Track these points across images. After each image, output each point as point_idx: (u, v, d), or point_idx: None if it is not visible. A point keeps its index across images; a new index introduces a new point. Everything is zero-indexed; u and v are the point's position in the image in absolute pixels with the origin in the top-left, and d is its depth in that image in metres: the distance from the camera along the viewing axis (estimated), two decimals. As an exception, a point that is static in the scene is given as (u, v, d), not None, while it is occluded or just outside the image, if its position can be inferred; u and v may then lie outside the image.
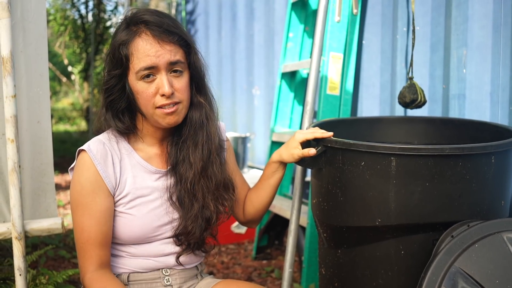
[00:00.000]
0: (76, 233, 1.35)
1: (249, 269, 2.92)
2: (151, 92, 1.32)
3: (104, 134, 1.40)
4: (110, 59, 1.36)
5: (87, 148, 1.35)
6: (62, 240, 3.37)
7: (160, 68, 1.31)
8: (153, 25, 1.32)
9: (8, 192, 1.83)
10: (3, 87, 1.74)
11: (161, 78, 1.32)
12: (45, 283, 2.09)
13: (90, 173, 1.33)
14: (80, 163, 1.35)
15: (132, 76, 1.33)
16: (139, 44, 1.31)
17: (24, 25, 1.83)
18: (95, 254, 1.33)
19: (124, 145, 1.41)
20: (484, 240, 1.31)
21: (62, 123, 11.69)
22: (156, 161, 1.44)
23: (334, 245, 1.55)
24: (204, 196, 1.42)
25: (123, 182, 1.37)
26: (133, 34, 1.32)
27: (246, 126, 4.11)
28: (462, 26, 2.03)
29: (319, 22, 2.20)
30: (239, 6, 4.16)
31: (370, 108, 2.55)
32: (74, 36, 8.97)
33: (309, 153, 1.50)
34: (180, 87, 1.35)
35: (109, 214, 1.35)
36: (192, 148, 1.41)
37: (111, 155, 1.37)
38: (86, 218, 1.33)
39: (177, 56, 1.34)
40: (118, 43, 1.33)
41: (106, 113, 1.39)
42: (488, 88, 1.96)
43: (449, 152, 1.32)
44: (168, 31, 1.32)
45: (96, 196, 1.33)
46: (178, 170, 1.42)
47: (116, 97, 1.36)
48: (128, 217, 1.37)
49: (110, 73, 1.36)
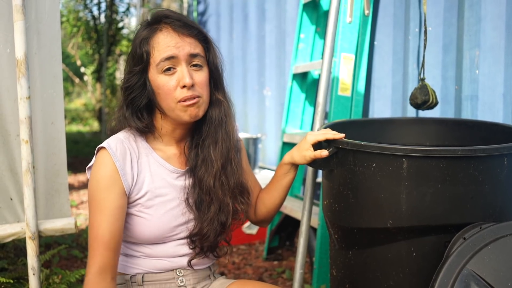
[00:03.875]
0: (89, 230, 1.34)
1: (260, 269, 2.92)
2: (172, 85, 1.33)
3: (123, 133, 1.41)
4: (131, 57, 1.39)
5: (106, 145, 1.35)
6: (75, 240, 3.40)
7: (180, 59, 1.33)
8: (173, 19, 1.35)
9: (22, 192, 1.86)
10: (17, 88, 1.76)
11: (181, 70, 1.34)
12: (58, 283, 2.11)
13: (108, 169, 1.33)
14: (99, 159, 1.36)
15: (153, 70, 1.35)
16: (160, 37, 1.34)
17: (38, 28, 1.85)
18: (99, 253, 1.30)
19: (142, 144, 1.41)
20: (496, 242, 1.30)
21: (75, 124, 11.78)
22: (174, 161, 1.44)
23: (345, 247, 1.55)
24: (224, 194, 1.42)
25: (140, 182, 1.38)
26: (154, 30, 1.36)
27: (257, 127, 4.11)
28: (475, 27, 2.01)
29: (330, 23, 2.20)
30: (250, 7, 4.16)
31: (382, 109, 2.54)
32: (87, 37, 9.02)
33: (321, 155, 1.49)
34: (200, 81, 1.36)
35: (120, 212, 1.33)
36: (213, 146, 1.42)
37: (130, 154, 1.37)
38: (98, 214, 1.32)
39: (197, 49, 1.36)
40: (139, 40, 1.36)
41: (126, 111, 1.40)
42: (501, 89, 1.94)
43: (461, 154, 1.32)
44: (188, 25, 1.36)
45: (111, 192, 1.32)
46: (198, 172, 1.42)
47: (137, 94, 1.37)
48: (146, 217, 1.38)
49: (132, 70, 1.37)
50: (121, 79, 1.43)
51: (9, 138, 1.84)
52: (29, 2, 1.81)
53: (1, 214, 1.87)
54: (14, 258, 2.47)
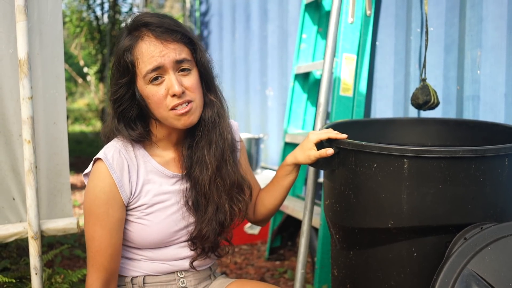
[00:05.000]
0: (87, 241, 1.34)
1: (262, 269, 2.93)
2: (161, 94, 1.30)
3: (119, 141, 1.37)
4: (116, 68, 1.34)
5: (103, 156, 1.32)
6: (77, 240, 3.41)
7: (167, 67, 1.29)
8: (154, 26, 1.30)
9: (24, 192, 1.86)
10: (20, 89, 1.76)
11: (169, 78, 1.29)
12: (61, 282, 2.12)
13: (105, 183, 1.31)
14: (96, 171, 1.33)
15: (140, 81, 1.31)
16: (143, 47, 1.29)
17: (40, 28, 1.85)
18: (103, 267, 1.32)
19: (140, 151, 1.39)
20: (497, 243, 1.30)
21: (77, 124, 11.81)
22: (172, 166, 1.42)
23: (347, 247, 1.55)
24: (220, 196, 1.41)
25: (139, 191, 1.36)
26: (135, 39, 1.30)
27: (260, 127, 4.12)
28: (477, 27, 2.01)
29: (332, 23, 2.20)
30: (253, 7, 4.17)
31: (383, 109, 2.54)
32: (90, 38, 9.04)
33: (327, 153, 1.48)
34: (190, 85, 1.32)
35: (120, 225, 1.34)
36: (207, 148, 1.39)
37: (127, 164, 1.34)
38: (98, 228, 1.31)
39: (182, 54, 1.31)
40: (122, 50, 1.31)
41: (118, 124, 1.36)
42: (503, 89, 1.94)
43: (463, 154, 1.32)
44: (169, 30, 1.30)
45: (110, 207, 1.31)
46: (193, 173, 1.40)
47: (126, 106, 1.34)
48: (146, 223, 1.36)
49: (118, 82, 1.33)
50: (108, 91, 1.40)
51: (12, 138, 1.85)
52: (32, 2, 1.81)
53: (4, 214, 1.88)
54: (16, 257, 2.47)
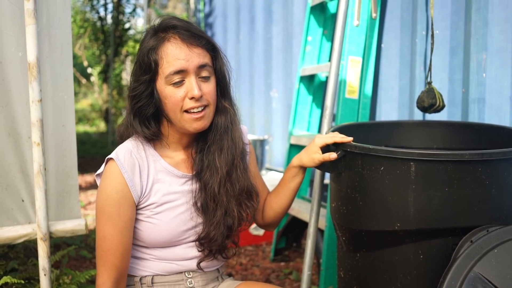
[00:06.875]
0: (98, 240, 1.37)
1: (267, 271, 2.94)
2: (180, 96, 1.34)
3: (131, 142, 1.42)
4: (139, 65, 1.38)
5: (115, 156, 1.36)
6: (84, 241, 3.43)
7: (189, 71, 1.33)
8: (181, 29, 1.34)
9: (33, 194, 1.88)
10: (29, 91, 1.78)
11: (190, 82, 1.34)
12: (69, 283, 2.13)
13: (117, 183, 1.34)
14: (108, 171, 1.37)
15: (161, 81, 1.35)
16: (169, 48, 1.33)
17: (49, 31, 1.87)
18: (114, 266, 1.35)
19: (150, 151, 1.42)
20: (503, 245, 1.31)
21: (81, 124, 11.83)
22: (182, 166, 1.45)
23: (353, 249, 1.56)
24: (229, 201, 1.43)
25: (149, 190, 1.39)
26: (162, 40, 1.34)
27: (264, 128, 4.13)
28: (482, 30, 2.02)
29: (338, 26, 2.21)
30: (257, 9, 4.18)
31: (389, 112, 2.55)
32: (94, 38, 9.07)
33: (330, 158, 1.50)
34: (209, 91, 1.37)
35: (130, 224, 1.37)
36: (218, 153, 1.42)
37: (139, 164, 1.38)
38: (109, 227, 1.34)
39: (205, 59, 1.36)
40: (147, 49, 1.35)
41: (134, 119, 1.40)
42: (508, 92, 1.95)
43: (469, 158, 1.33)
44: (196, 35, 1.35)
45: (121, 206, 1.35)
46: (203, 177, 1.43)
47: (144, 103, 1.37)
48: (155, 222, 1.39)
49: (139, 79, 1.37)
50: (127, 87, 1.44)
51: (21, 140, 1.87)
52: (41, 6, 1.83)
53: (13, 216, 1.89)
54: (23, 258, 2.49)
